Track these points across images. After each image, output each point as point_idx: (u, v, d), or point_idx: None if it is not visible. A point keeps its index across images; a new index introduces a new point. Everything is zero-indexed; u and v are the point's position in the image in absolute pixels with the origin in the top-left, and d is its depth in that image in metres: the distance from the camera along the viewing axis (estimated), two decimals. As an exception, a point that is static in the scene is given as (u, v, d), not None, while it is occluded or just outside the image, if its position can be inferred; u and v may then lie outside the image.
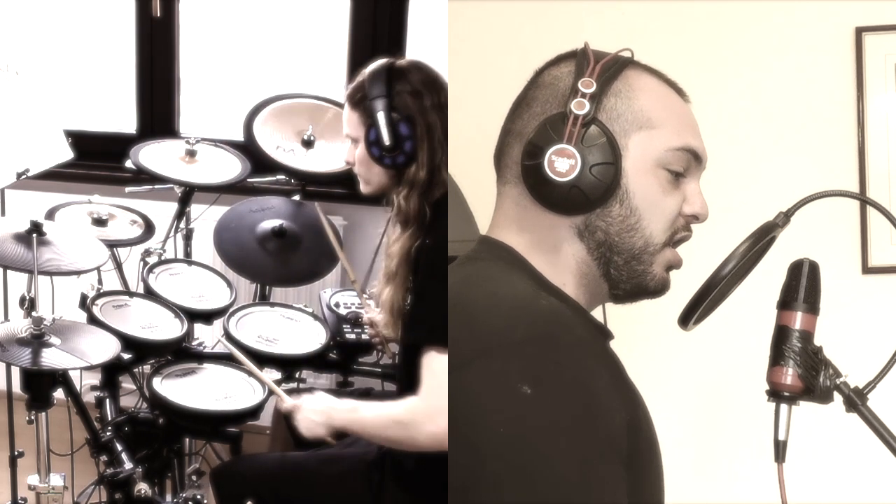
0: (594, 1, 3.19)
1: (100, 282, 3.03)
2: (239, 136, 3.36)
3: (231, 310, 2.98)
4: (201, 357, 2.84)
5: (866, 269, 3.01)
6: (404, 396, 2.29)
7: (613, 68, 1.45)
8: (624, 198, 1.42)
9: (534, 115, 1.46)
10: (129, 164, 3.26)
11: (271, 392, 2.65)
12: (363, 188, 2.39)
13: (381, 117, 2.23)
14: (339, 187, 3.65)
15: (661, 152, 1.43)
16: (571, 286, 1.46)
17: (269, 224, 3.17)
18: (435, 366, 2.12)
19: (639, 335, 2.75)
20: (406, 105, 2.24)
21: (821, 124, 3.04)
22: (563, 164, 1.40)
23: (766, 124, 3.07)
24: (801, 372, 1.54)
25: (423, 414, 2.13)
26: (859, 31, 3.02)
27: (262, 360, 2.79)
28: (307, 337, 2.92)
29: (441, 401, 2.00)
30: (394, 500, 2.32)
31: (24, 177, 3.01)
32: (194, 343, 2.99)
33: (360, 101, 2.30)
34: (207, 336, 3.12)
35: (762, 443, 1.65)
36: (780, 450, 1.57)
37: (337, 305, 2.97)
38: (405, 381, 2.39)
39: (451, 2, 3.09)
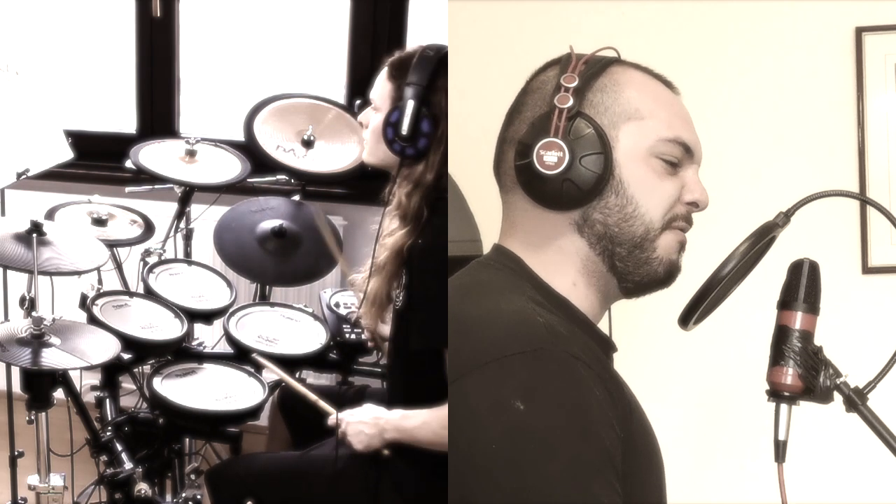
0: (594, 1, 3.20)
1: (100, 282, 3.04)
2: (239, 136, 3.37)
3: (231, 310, 2.98)
4: (201, 357, 2.86)
5: (866, 269, 3.02)
6: (397, 394, 2.32)
7: (597, 66, 1.46)
8: (619, 188, 1.42)
9: (524, 120, 1.47)
10: (129, 164, 3.27)
11: (273, 388, 2.67)
12: (366, 156, 2.37)
13: (409, 106, 2.20)
14: (339, 187, 3.68)
15: (652, 142, 1.44)
16: (582, 286, 1.46)
17: (268, 224, 3.18)
18: None
19: (639, 335, 2.76)
20: (439, 104, 2.21)
21: (821, 124, 3.05)
22: (551, 157, 1.40)
23: (766, 124, 3.08)
24: (802, 372, 1.53)
25: None
26: (859, 31, 3.03)
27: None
28: (307, 337, 2.93)
29: None
30: (390, 499, 2.33)
31: (24, 177, 3.02)
32: (194, 343, 3.00)
33: (398, 75, 2.26)
34: (207, 336, 3.14)
35: (762, 443, 1.65)
36: (780, 450, 1.57)
37: (337, 305, 2.97)
38: (400, 379, 2.42)
39: (451, 2, 3.10)
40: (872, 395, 1.56)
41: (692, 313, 1.54)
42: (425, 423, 2.24)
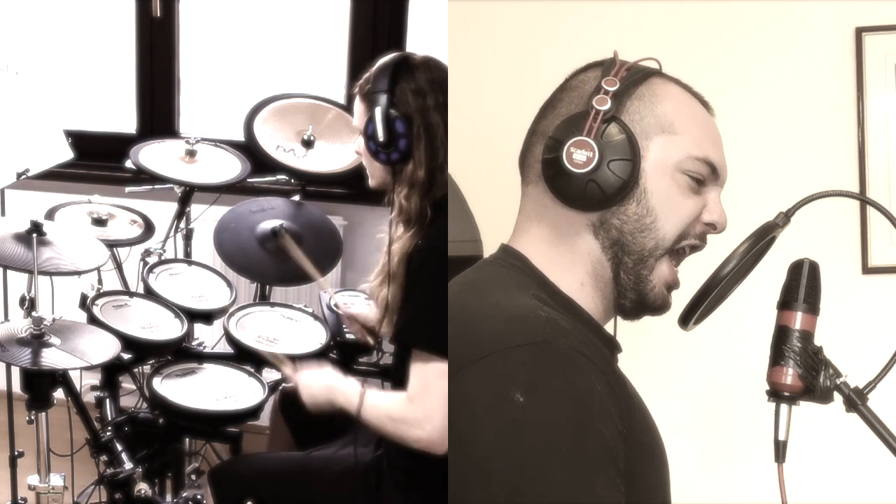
0: (594, 2, 3.21)
1: (100, 282, 3.04)
2: (239, 136, 3.38)
3: (231, 310, 2.99)
4: (201, 357, 2.86)
5: (866, 269, 3.04)
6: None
7: (639, 74, 1.48)
8: (641, 197, 1.44)
9: (558, 116, 1.48)
10: (129, 164, 3.27)
11: (273, 388, 2.72)
12: (369, 181, 2.40)
13: (378, 112, 2.23)
14: (339, 187, 3.68)
15: (681, 157, 1.45)
16: (589, 287, 1.48)
17: (268, 224, 3.17)
18: (424, 369, 2.17)
19: (639, 335, 2.76)
20: (406, 103, 2.23)
21: (821, 124, 3.07)
22: (580, 155, 1.41)
23: (767, 124, 3.10)
24: (802, 372, 1.54)
25: (411, 417, 2.18)
26: (859, 32, 3.05)
27: (262, 360, 2.79)
28: (307, 337, 2.93)
29: (428, 407, 2.15)
30: (391, 500, 2.33)
31: (24, 177, 3.02)
32: (194, 343, 3.00)
33: (367, 93, 2.30)
34: (207, 336, 3.14)
35: (762, 443, 1.66)
36: (780, 450, 1.58)
37: (337, 305, 2.96)
38: (400, 377, 2.39)
39: (451, 2, 3.11)
40: (872, 395, 1.57)
41: (692, 313, 1.55)
42: (375, 406, 2.28)
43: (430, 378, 2.16)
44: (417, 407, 2.18)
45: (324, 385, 2.38)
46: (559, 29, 3.18)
